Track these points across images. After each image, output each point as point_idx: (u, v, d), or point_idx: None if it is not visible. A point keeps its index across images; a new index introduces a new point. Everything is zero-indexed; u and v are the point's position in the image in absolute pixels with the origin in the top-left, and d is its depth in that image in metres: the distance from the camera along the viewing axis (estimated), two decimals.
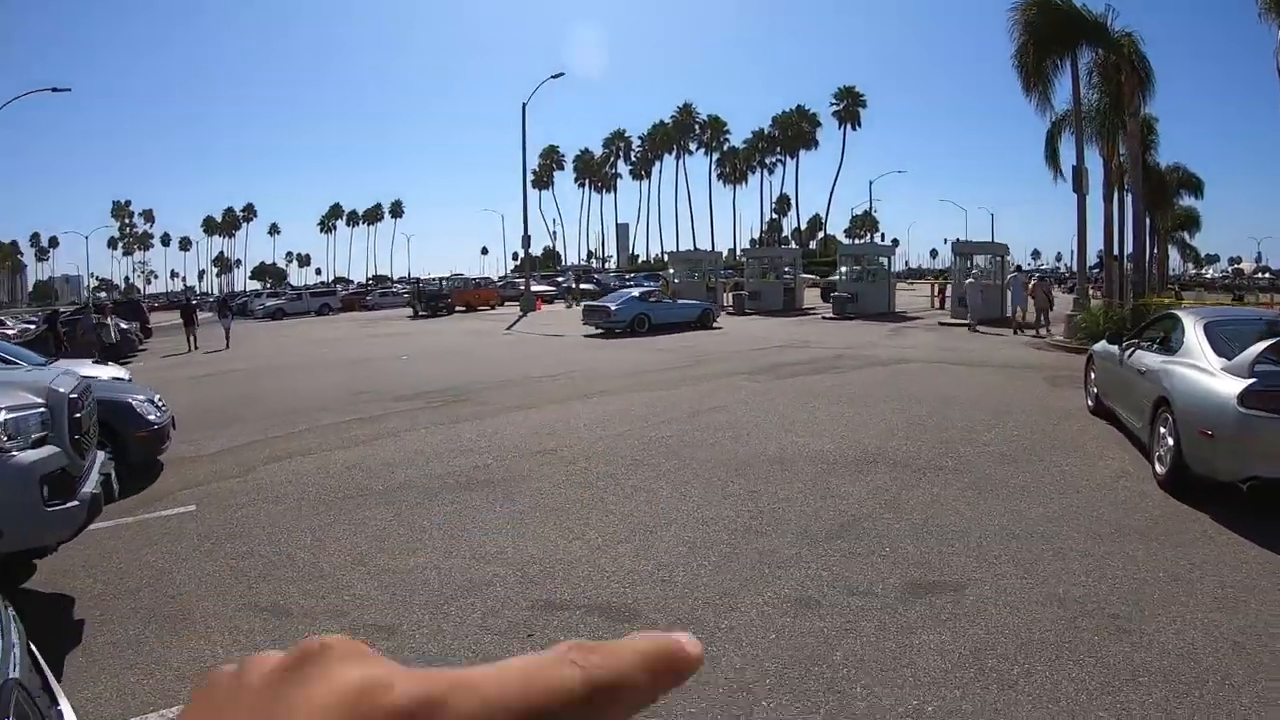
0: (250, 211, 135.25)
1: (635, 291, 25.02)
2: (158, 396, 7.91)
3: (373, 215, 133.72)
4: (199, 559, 5.08)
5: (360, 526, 5.53)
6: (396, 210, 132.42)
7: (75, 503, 3.89)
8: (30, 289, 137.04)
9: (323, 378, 14.27)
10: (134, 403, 7.32)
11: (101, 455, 4.89)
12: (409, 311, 38.86)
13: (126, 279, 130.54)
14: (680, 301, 24.38)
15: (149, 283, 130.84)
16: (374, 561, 4.82)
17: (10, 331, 28.38)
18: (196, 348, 23.68)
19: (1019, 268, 29.96)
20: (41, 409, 3.88)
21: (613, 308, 22.07)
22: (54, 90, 30.20)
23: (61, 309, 33.17)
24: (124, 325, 24.03)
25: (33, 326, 26.94)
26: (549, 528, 5.32)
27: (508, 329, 25.89)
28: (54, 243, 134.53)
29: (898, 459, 6.86)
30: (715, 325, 23.06)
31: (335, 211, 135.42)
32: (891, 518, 5.31)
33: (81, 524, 3.97)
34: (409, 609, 4.09)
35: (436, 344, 20.88)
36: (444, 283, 43.18)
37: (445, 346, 19.99)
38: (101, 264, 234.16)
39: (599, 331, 21.96)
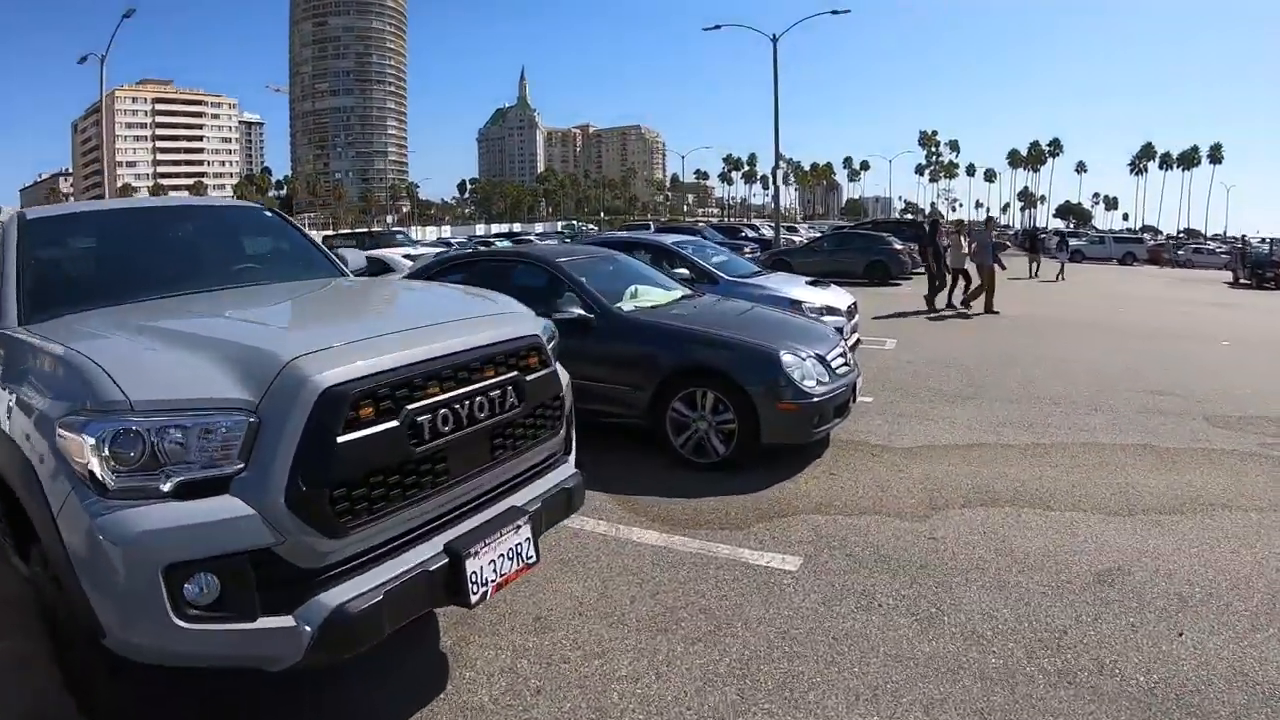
0: (1056, 146, 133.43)
1: None
2: (840, 352, 5.62)
3: (1188, 159, 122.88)
4: (643, 706, 2.60)
5: None
6: (1215, 155, 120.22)
7: (252, 625, 1.90)
8: (843, 205, 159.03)
9: (1109, 351, 10.87)
10: (785, 358, 5.03)
11: (569, 476, 2.91)
12: (1226, 276, 33.61)
13: (931, 204, 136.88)
14: None
15: (953, 210, 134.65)
16: None
17: (798, 238, 32.65)
18: (1036, 275, 24.98)
19: None
20: (237, 417, 1.97)
21: None
22: (834, 13, 31.24)
23: (870, 222, 36.22)
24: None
25: (818, 235, 30.03)
26: None
27: None
28: (865, 166, 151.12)
29: None
30: None
31: (1147, 152, 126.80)
32: None
33: (292, 658, 1.96)
34: None
35: (1268, 329, 14.92)
36: (1275, 246, 34.02)
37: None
38: (907, 188, 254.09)
39: None
